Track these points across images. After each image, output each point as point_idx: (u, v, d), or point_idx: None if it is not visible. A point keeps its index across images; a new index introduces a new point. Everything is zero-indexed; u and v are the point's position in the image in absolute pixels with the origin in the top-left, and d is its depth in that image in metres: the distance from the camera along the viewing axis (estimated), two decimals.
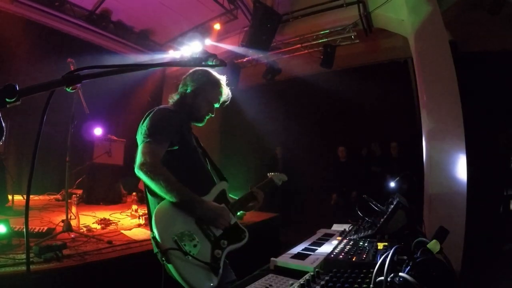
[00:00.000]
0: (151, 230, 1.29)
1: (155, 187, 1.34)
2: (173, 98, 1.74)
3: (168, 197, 1.33)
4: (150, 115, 1.53)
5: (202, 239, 1.32)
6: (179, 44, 6.68)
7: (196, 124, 1.77)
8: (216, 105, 1.77)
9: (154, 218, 1.29)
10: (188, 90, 1.71)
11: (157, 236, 1.22)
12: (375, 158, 6.23)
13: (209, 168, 1.74)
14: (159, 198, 1.39)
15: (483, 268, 3.55)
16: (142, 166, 1.35)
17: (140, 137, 1.48)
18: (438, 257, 0.91)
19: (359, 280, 0.91)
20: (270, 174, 2.04)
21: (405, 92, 6.05)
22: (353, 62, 6.71)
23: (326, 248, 1.43)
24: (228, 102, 1.84)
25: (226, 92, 1.78)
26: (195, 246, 1.27)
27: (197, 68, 1.72)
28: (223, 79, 1.77)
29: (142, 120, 1.54)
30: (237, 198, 1.71)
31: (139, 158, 1.38)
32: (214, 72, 1.74)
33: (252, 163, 7.77)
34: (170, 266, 1.18)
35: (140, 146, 1.43)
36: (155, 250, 1.27)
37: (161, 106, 1.64)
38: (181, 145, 1.53)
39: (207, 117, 1.75)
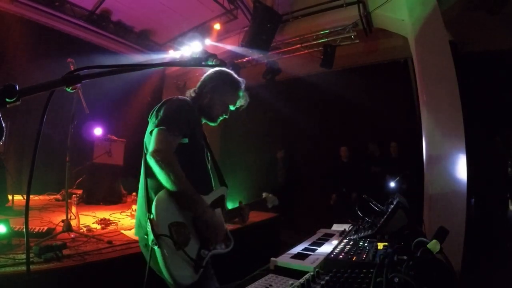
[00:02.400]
0: (149, 211, 1.27)
1: (162, 177, 1.31)
2: (191, 93, 1.71)
3: (172, 189, 1.31)
4: (169, 102, 1.52)
5: (193, 235, 1.33)
6: (179, 44, 6.68)
7: (208, 123, 1.76)
8: (232, 108, 1.76)
9: (156, 201, 1.28)
10: (206, 88, 1.69)
11: (155, 218, 1.22)
12: (374, 158, 6.23)
13: (210, 170, 1.73)
14: (159, 183, 1.37)
15: (483, 268, 3.55)
16: (156, 153, 1.32)
17: (153, 121, 1.45)
18: (438, 257, 0.91)
19: (359, 280, 0.91)
20: (265, 194, 2.03)
21: (405, 92, 6.05)
22: (353, 62, 6.71)
23: (326, 248, 1.43)
24: (244, 107, 1.82)
25: (244, 96, 1.77)
26: (186, 237, 1.29)
27: (220, 68, 1.64)
28: (243, 82, 1.75)
29: (159, 105, 1.51)
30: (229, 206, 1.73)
31: (153, 144, 1.36)
32: (235, 75, 1.73)
33: (252, 163, 7.76)
34: (157, 251, 1.18)
35: (155, 131, 1.40)
36: (145, 233, 1.26)
37: (180, 97, 1.63)
38: (190, 140, 1.53)
39: (220, 118, 1.74)
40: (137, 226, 1.46)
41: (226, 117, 1.75)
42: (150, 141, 1.41)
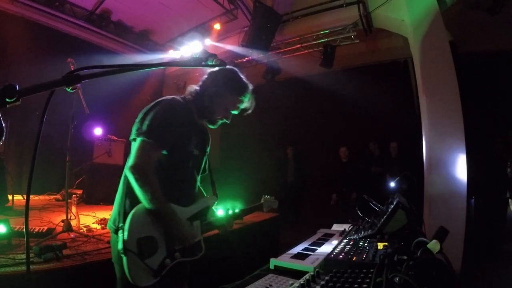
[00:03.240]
0: (123, 221, 1.33)
1: (139, 194, 1.34)
2: (192, 92, 1.62)
3: (148, 206, 1.34)
4: (157, 108, 1.45)
5: (161, 246, 1.37)
6: (179, 44, 6.68)
7: (208, 125, 1.69)
8: (234, 112, 1.68)
9: (132, 215, 1.33)
10: (208, 91, 1.59)
11: (125, 232, 1.28)
12: (374, 158, 6.23)
13: (198, 178, 1.68)
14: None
15: (483, 268, 3.55)
16: (135, 170, 1.34)
17: (138, 127, 1.41)
18: (438, 257, 0.91)
19: (359, 280, 0.91)
20: (264, 198, 2.03)
21: (405, 92, 6.05)
22: (353, 62, 6.72)
23: (326, 248, 1.43)
24: (250, 111, 1.74)
25: (248, 101, 1.69)
26: (152, 251, 1.33)
27: (225, 69, 1.55)
28: (249, 86, 1.67)
29: (148, 109, 1.46)
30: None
31: (133, 158, 1.36)
32: (241, 77, 1.64)
33: (252, 163, 7.76)
34: (123, 258, 1.27)
35: (137, 141, 1.38)
36: (117, 242, 1.32)
37: (169, 99, 1.53)
38: (176, 149, 1.47)
39: (220, 122, 1.66)
40: (110, 221, 1.55)
41: (227, 122, 1.68)
42: (132, 149, 1.40)
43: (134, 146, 1.39)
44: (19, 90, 0.65)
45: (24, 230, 0.84)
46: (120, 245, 1.26)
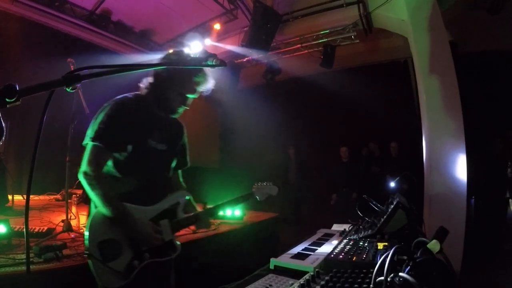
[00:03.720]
0: (86, 228, 1.35)
1: (92, 198, 1.35)
2: (146, 84, 1.55)
3: (102, 210, 1.34)
4: (106, 109, 1.42)
5: (126, 248, 1.35)
6: (179, 44, 6.68)
7: (170, 115, 1.60)
8: (192, 96, 1.56)
9: (90, 219, 1.34)
10: (160, 79, 1.51)
11: (86, 237, 1.29)
12: (375, 158, 6.23)
13: (169, 174, 1.63)
14: None
15: (483, 268, 3.55)
16: (85, 176, 1.35)
17: (90, 133, 1.39)
18: (438, 257, 0.91)
19: (359, 280, 0.91)
20: (256, 186, 1.90)
21: (405, 92, 6.06)
22: (353, 62, 6.72)
23: (326, 248, 1.43)
24: (209, 92, 1.60)
25: (205, 81, 1.53)
26: (116, 253, 1.32)
27: (175, 51, 1.57)
28: (201, 61, 1.57)
29: (99, 111, 1.44)
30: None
31: (84, 163, 1.36)
32: (192, 55, 1.61)
33: (252, 163, 7.76)
34: (89, 262, 1.29)
35: (88, 146, 1.38)
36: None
37: (117, 99, 1.49)
38: (135, 147, 1.43)
39: (180, 109, 1.57)
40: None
41: (187, 108, 1.58)
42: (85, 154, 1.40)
43: (85, 152, 1.39)
44: (19, 90, 0.65)
45: (24, 230, 0.84)
46: (85, 246, 1.28)
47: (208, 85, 1.57)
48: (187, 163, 1.80)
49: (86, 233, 1.30)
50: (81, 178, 1.36)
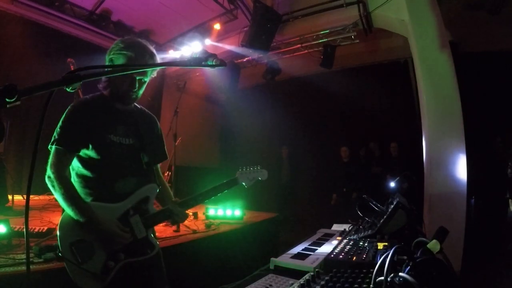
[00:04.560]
0: (57, 228, 1.34)
1: (58, 200, 1.35)
2: (101, 81, 1.54)
3: (68, 212, 1.33)
4: (65, 113, 1.42)
5: (98, 249, 1.33)
6: (179, 44, 6.68)
7: (124, 106, 1.54)
8: (141, 78, 1.48)
9: (61, 220, 1.33)
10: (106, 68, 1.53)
11: (58, 238, 1.29)
12: (375, 158, 6.24)
13: (140, 168, 1.56)
14: None
15: (483, 268, 3.55)
16: (48, 179, 1.36)
17: (52, 138, 1.40)
18: (438, 257, 0.91)
19: (359, 280, 0.91)
20: (240, 171, 1.75)
21: (405, 92, 6.06)
22: (353, 62, 6.72)
23: (326, 248, 1.43)
24: (155, 73, 1.57)
25: (148, 59, 1.48)
26: (89, 254, 1.30)
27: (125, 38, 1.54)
28: (142, 42, 1.52)
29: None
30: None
31: (47, 168, 1.37)
32: (131, 37, 1.55)
33: (252, 163, 7.76)
34: (65, 266, 1.27)
35: (51, 150, 1.38)
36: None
37: (77, 100, 1.51)
38: (96, 144, 1.42)
39: (132, 95, 1.50)
40: None
41: (136, 91, 1.49)
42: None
43: (50, 156, 1.39)
44: (19, 90, 0.65)
45: (24, 230, 0.85)
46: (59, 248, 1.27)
47: (144, 54, 1.48)
48: (165, 155, 1.76)
49: (57, 233, 1.30)
50: (46, 181, 1.36)
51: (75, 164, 1.45)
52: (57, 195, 1.33)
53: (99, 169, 1.44)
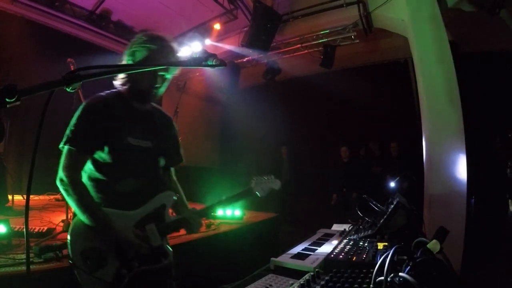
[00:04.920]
0: (68, 234, 1.26)
1: (71, 205, 1.28)
2: (119, 77, 1.44)
3: (81, 218, 1.25)
4: (77, 111, 1.34)
5: (111, 257, 1.26)
6: (179, 44, 6.67)
7: (142, 105, 1.47)
8: (164, 74, 1.40)
9: (72, 226, 1.27)
10: (126, 62, 1.41)
11: (68, 244, 1.22)
12: (375, 158, 6.24)
13: (157, 173, 1.50)
14: None
15: (483, 268, 3.55)
16: (60, 182, 1.27)
17: (64, 136, 1.32)
18: (438, 257, 0.91)
19: (359, 280, 0.91)
20: (254, 180, 1.64)
21: (405, 92, 6.06)
22: (353, 62, 6.72)
23: (326, 248, 1.43)
24: (175, 72, 1.46)
25: (170, 54, 1.41)
26: (101, 263, 1.23)
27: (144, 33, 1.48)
28: (165, 37, 1.45)
29: (76, 111, 1.36)
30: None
31: (59, 171, 1.28)
32: (153, 32, 1.47)
33: (252, 163, 7.77)
34: (75, 274, 1.20)
35: (63, 151, 1.30)
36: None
37: (91, 98, 1.41)
38: (110, 146, 1.33)
39: (153, 93, 1.42)
40: None
41: (159, 87, 1.42)
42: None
43: (61, 158, 1.31)
44: (19, 90, 0.65)
45: (24, 230, 0.84)
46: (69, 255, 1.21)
47: (171, 54, 1.42)
48: (181, 158, 1.67)
49: (68, 240, 1.23)
50: (58, 184, 1.28)
51: (88, 167, 1.36)
52: (71, 201, 1.25)
53: (113, 173, 1.35)
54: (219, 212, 3.93)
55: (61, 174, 1.28)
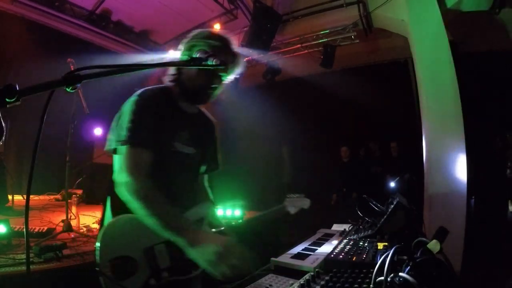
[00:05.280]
0: (98, 239, 1.14)
1: (141, 214, 1.07)
2: (170, 73, 1.32)
3: (163, 234, 1.08)
4: (132, 104, 1.19)
5: (142, 266, 1.16)
6: (179, 44, 6.68)
7: (190, 107, 1.35)
8: (223, 75, 1.29)
9: (104, 231, 1.14)
10: (181, 58, 1.28)
11: (97, 252, 1.11)
12: (375, 158, 6.24)
13: (196, 182, 1.40)
14: (122, 211, 1.14)
15: (483, 268, 3.55)
16: (130, 189, 1.09)
17: (118, 135, 1.17)
18: (438, 257, 0.91)
19: (359, 280, 0.91)
20: (289, 198, 1.65)
21: (405, 92, 6.06)
22: (353, 62, 6.72)
23: (326, 248, 1.43)
24: (238, 74, 1.37)
25: (231, 56, 1.30)
26: (130, 271, 1.14)
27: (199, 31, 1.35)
28: (228, 38, 1.34)
29: (121, 113, 1.22)
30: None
31: (123, 172, 1.11)
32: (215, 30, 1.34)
33: (252, 163, 7.77)
34: (100, 279, 1.11)
35: (122, 151, 1.14)
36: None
37: (143, 91, 1.25)
38: (157, 150, 1.20)
39: (208, 94, 1.29)
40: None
41: (215, 88, 1.29)
42: (117, 162, 1.16)
43: (121, 159, 1.15)
44: (19, 90, 0.64)
45: (24, 230, 0.84)
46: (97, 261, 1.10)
47: (236, 59, 1.33)
48: (218, 166, 1.54)
49: (98, 246, 1.11)
50: (123, 191, 1.10)
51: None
52: (148, 212, 1.06)
53: (154, 181, 1.18)
54: (219, 212, 3.93)
55: (128, 176, 1.11)
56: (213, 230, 1.37)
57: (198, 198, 1.41)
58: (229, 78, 1.35)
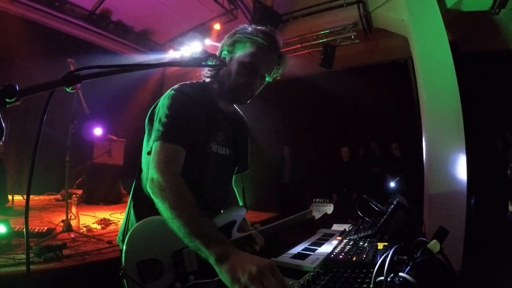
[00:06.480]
0: (123, 241, 1.09)
1: (169, 220, 0.98)
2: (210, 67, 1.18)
3: (189, 244, 0.97)
4: (170, 99, 1.13)
5: (169, 270, 1.11)
6: (179, 44, 6.68)
7: (227, 106, 1.29)
8: (264, 74, 1.23)
9: (131, 233, 1.08)
10: (222, 54, 1.22)
11: (123, 254, 1.05)
12: (375, 158, 6.24)
13: (229, 185, 1.35)
14: (145, 211, 1.09)
15: (483, 268, 3.55)
16: (156, 187, 1.00)
17: (153, 129, 1.11)
18: (438, 257, 0.91)
19: (359, 280, 0.91)
20: (314, 203, 1.66)
21: (405, 92, 6.06)
22: (353, 62, 6.72)
23: (326, 248, 1.43)
24: (280, 73, 1.33)
25: (275, 57, 1.24)
26: (156, 275, 1.10)
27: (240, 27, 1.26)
28: (273, 36, 1.24)
29: (159, 103, 1.16)
30: None
31: (155, 169, 1.02)
32: (260, 27, 1.23)
33: (253, 163, 7.76)
34: (124, 281, 1.06)
35: (155, 147, 1.07)
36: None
37: (181, 87, 1.18)
38: (191, 150, 1.13)
39: (249, 93, 1.23)
40: (119, 232, 1.28)
41: (253, 86, 1.23)
42: (150, 159, 1.08)
43: (153, 154, 1.07)
44: (19, 90, 0.64)
45: (24, 230, 0.84)
46: (121, 264, 1.05)
47: (281, 60, 1.28)
48: (247, 167, 1.50)
49: (124, 249, 1.05)
50: (150, 189, 1.02)
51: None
52: (172, 212, 0.96)
53: (186, 182, 1.09)
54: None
55: (158, 176, 1.02)
56: (240, 234, 1.31)
57: (230, 200, 1.39)
58: (273, 77, 1.30)
